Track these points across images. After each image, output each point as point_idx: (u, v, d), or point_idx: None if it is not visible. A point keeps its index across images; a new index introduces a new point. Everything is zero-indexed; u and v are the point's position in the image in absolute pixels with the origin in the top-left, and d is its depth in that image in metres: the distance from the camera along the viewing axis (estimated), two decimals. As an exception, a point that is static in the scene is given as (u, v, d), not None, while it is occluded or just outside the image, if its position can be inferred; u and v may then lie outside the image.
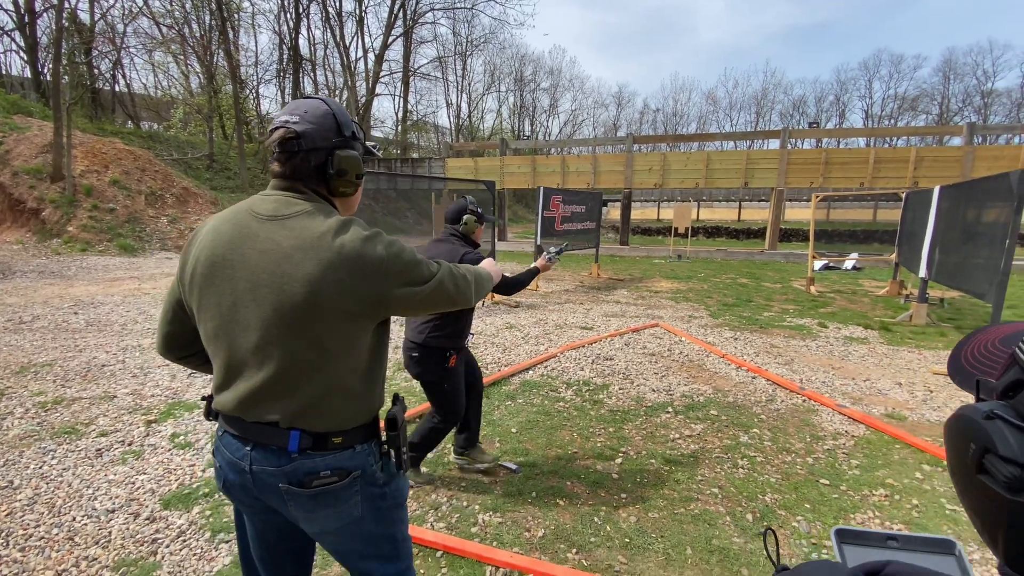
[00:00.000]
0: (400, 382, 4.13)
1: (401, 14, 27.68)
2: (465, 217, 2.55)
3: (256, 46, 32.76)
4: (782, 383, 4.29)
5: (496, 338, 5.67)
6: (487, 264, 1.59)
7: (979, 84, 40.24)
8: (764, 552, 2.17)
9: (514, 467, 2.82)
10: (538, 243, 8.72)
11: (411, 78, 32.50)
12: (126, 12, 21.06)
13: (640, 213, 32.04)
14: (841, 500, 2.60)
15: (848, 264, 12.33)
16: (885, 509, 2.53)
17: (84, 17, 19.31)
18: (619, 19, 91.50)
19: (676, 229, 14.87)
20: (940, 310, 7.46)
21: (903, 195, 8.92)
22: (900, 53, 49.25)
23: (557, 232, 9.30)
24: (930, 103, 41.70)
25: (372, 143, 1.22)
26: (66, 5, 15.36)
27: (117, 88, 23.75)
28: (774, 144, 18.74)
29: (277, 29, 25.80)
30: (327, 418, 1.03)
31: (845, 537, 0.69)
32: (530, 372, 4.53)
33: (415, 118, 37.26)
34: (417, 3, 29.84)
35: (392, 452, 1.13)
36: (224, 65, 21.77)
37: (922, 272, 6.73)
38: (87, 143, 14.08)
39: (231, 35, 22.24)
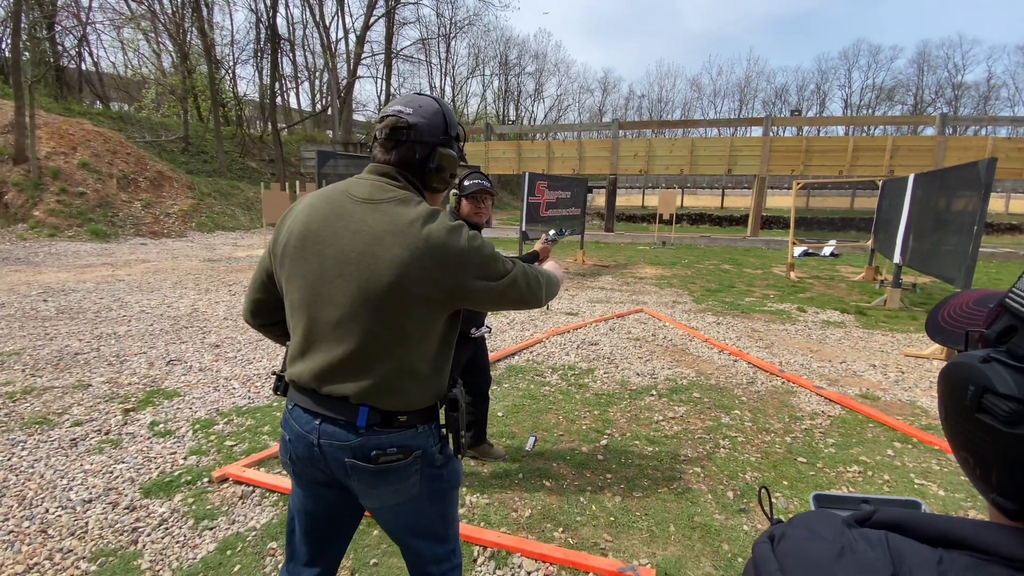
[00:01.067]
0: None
1: (383, -7, 26.92)
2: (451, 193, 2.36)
3: (232, 24, 31.78)
4: (762, 366, 4.39)
5: (481, 324, 5.67)
6: (551, 266, 1.59)
7: (950, 76, 41.23)
8: (744, 528, 2.24)
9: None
10: (523, 229, 8.69)
11: (394, 60, 31.77)
12: (91, -15, 20.06)
13: (625, 199, 32.12)
14: (817, 477, 2.69)
15: (826, 251, 12.60)
16: (859, 484, 2.62)
17: (45, -10, 18.30)
18: (605, 3, 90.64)
19: (661, 216, 14.98)
20: (912, 295, 7.70)
21: (880, 183, 9.11)
22: (878, 44, 50.19)
23: (542, 218, 9.26)
24: (906, 94, 42.59)
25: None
26: (25, -24, 14.51)
27: (84, 66, 22.70)
28: (757, 131, 18.93)
29: (254, 7, 24.78)
30: (396, 398, 1.07)
31: (823, 501, 0.74)
32: (516, 357, 4.55)
33: (398, 101, 36.36)
34: (399, -18, 29.03)
35: (451, 435, 1.17)
36: (198, 44, 20.92)
37: (896, 258, 6.91)
38: (52, 124, 13.47)
39: (205, 12, 21.36)
